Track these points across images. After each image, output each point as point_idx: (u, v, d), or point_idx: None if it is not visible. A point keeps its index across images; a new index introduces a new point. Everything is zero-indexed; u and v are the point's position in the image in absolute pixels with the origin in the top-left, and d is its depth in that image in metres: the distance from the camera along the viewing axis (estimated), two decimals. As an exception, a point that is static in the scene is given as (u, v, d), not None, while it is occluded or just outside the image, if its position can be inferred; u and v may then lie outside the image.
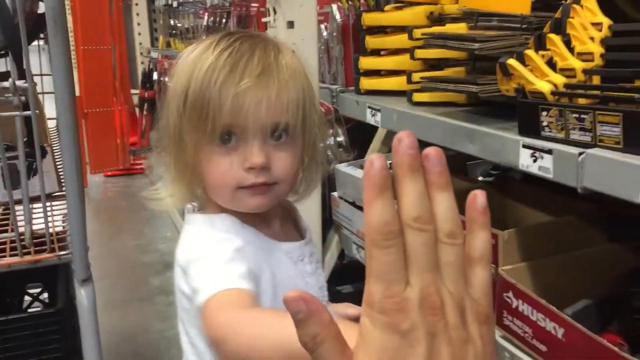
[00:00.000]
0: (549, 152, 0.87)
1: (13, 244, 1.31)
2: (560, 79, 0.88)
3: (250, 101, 0.75)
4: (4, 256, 1.29)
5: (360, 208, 1.49)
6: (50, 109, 2.29)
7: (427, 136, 1.18)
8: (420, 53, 1.24)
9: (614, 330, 0.95)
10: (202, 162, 0.79)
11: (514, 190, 1.31)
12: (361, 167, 1.54)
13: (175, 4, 4.06)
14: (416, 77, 1.26)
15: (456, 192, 1.29)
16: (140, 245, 3.38)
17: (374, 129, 1.73)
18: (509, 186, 1.34)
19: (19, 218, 1.46)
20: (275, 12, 1.51)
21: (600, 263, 1.04)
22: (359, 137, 1.74)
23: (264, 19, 1.58)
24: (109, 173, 4.92)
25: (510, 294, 0.99)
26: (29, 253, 1.29)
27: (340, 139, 1.73)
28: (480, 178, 1.54)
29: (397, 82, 1.37)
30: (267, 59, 0.77)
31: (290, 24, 1.48)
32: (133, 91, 4.98)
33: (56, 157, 1.89)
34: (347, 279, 1.75)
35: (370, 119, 1.37)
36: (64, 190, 1.69)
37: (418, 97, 1.26)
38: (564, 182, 0.85)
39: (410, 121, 1.23)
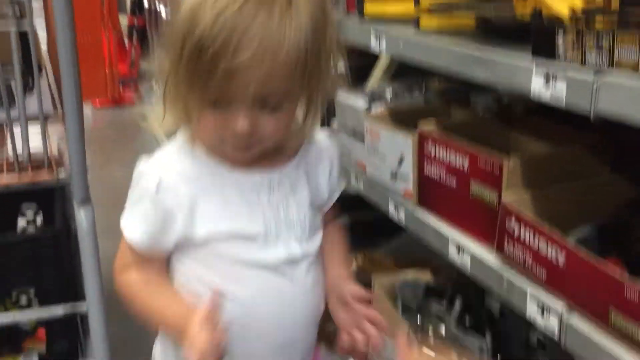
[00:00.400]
0: (563, 77, 0.85)
1: (10, 164, 1.29)
2: (578, 2, 0.85)
3: (240, 78, 0.73)
4: (1, 175, 1.27)
5: (359, 138, 1.48)
6: (39, 33, 2.22)
7: (435, 63, 1.16)
8: (430, -24, 1.20)
9: (614, 258, 0.96)
10: (192, 107, 0.78)
11: (517, 121, 1.30)
12: (363, 96, 1.52)
13: None
14: (425, 1, 1.22)
15: (459, 124, 1.26)
16: (129, 175, 3.37)
17: (375, 57, 1.70)
18: (512, 117, 1.33)
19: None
20: None
21: (603, 193, 1.04)
22: (360, 66, 1.70)
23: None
24: (98, 104, 4.85)
25: (512, 221, 1.00)
26: (26, 173, 1.27)
27: (340, 67, 1.69)
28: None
29: (404, 7, 1.33)
30: (267, 29, 0.72)
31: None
32: (121, 18, 4.85)
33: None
34: (342, 210, 1.75)
35: (374, 45, 1.34)
36: (58, 113, 1.66)
37: (426, 22, 1.22)
38: (577, 109, 0.84)
39: (418, 47, 1.20)
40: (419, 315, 1.37)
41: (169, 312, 0.83)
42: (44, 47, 2.25)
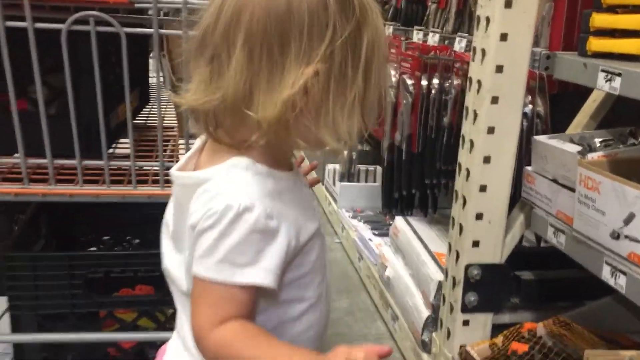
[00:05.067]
0: None
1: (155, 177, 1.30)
2: None
3: None
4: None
5: (564, 186, 1.31)
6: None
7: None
8: (690, 9, 1.03)
9: None
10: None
11: None
12: (570, 140, 1.36)
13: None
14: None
15: None
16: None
17: (578, 100, 1.54)
18: None
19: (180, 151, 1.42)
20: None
21: None
22: (563, 108, 1.55)
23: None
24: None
25: None
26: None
27: (540, 109, 1.55)
28: None
29: (642, 44, 1.17)
30: None
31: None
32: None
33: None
34: (527, 264, 1.59)
35: (603, 84, 1.18)
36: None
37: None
38: None
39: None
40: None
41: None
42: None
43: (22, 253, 1.37)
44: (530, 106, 1.55)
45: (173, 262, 0.81)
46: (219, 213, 0.68)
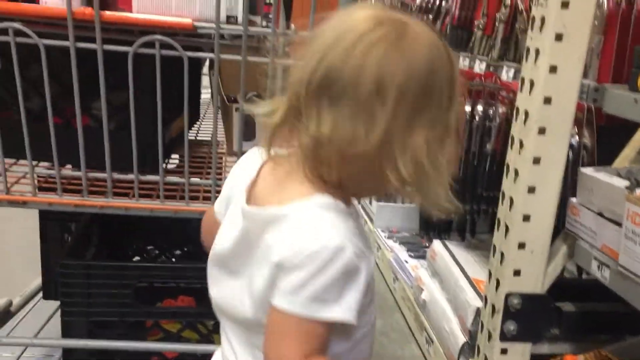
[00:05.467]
0: None
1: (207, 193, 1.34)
2: None
3: None
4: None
5: (610, 220, 1.31)
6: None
7: None
8: None
9: None
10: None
11: None
12: (617, 174, 1.36)
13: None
14: None
15: None
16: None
17: (624, 132, 1.53)
18: None
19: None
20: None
21: None
22: (609, 141, 1.55)
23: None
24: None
25: None
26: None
27: (586, 140, 1.55)
28: None
29: (695, 83, 1.17)
30: None
31: (565, 4, 1.32)
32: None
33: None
34: (568, 296, 1.58)
35: (652, 119, 1.19)
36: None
37: None
38: None
39: None
40: None
41: None
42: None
43: (76, 261, 1.43)
44: (577, 137, 1.55)
45: (225, 289, 0.83)
46: (313, 252, 0.70)
